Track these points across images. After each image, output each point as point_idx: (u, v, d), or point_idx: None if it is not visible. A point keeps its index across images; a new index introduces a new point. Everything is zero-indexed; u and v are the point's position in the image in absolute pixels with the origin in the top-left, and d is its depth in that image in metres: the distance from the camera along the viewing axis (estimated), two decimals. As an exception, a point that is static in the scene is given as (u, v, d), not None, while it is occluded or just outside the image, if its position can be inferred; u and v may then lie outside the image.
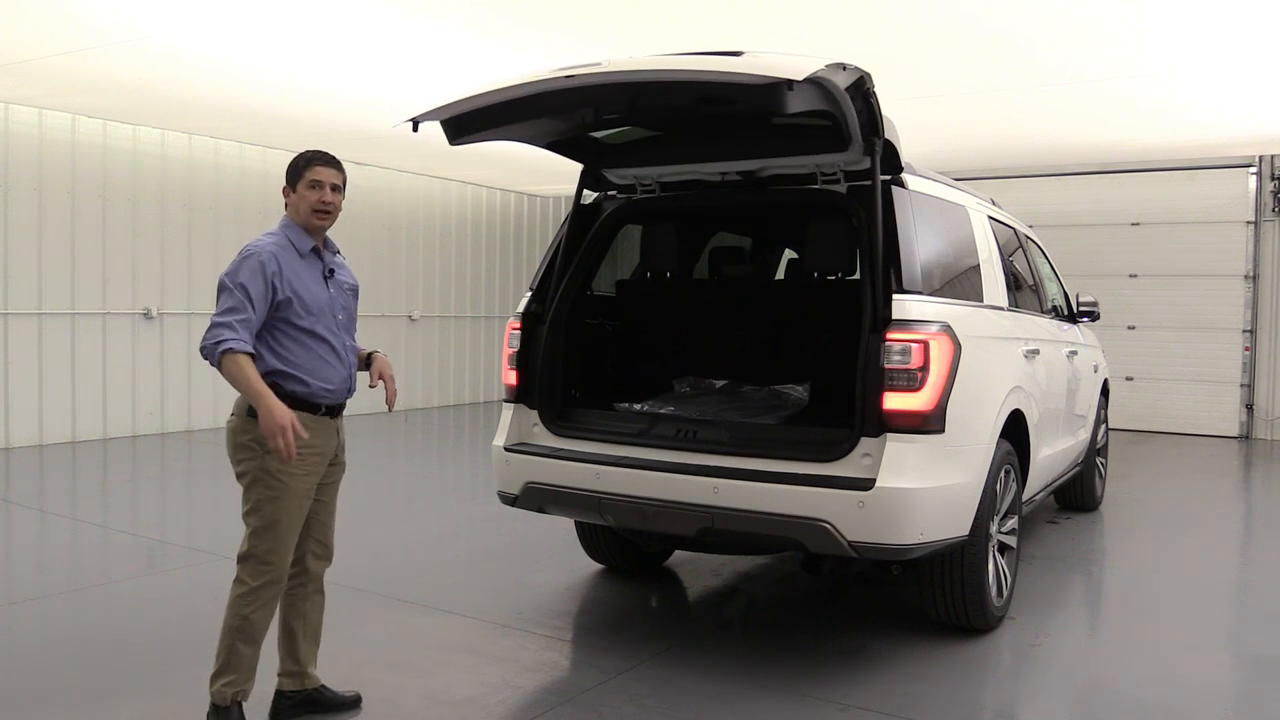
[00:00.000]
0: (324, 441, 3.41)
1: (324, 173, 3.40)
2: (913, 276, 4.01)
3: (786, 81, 3.42)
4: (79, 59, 7.60)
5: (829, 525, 3.77)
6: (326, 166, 3.42)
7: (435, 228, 14.10)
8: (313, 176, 3.38)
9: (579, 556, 5.54)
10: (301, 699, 3.55)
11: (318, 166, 3.40)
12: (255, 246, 3.30)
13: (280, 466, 3.25)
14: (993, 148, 11.13)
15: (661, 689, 3.88)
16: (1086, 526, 7.02)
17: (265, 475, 3.29)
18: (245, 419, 3.28)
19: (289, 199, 3.42)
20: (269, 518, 3.30)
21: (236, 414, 3.33)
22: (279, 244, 3.34)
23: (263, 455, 3.26)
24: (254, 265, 3.24)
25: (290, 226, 3.41)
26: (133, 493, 8.07)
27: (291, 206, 3.41)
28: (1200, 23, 6.44)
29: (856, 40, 6.61)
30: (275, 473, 3.27)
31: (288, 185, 3.42)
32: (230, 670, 3.33)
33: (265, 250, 3.28)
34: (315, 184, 3.38)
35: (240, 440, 3.31)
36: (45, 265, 9.78)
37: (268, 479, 3.29)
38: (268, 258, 3.26)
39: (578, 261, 4.87)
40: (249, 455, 3.30)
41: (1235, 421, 11.93)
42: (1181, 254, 12.08)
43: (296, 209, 3.40)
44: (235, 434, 3.32)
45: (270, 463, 3.26)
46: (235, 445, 3.33)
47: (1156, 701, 3.89)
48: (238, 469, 3.34)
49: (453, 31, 7.00)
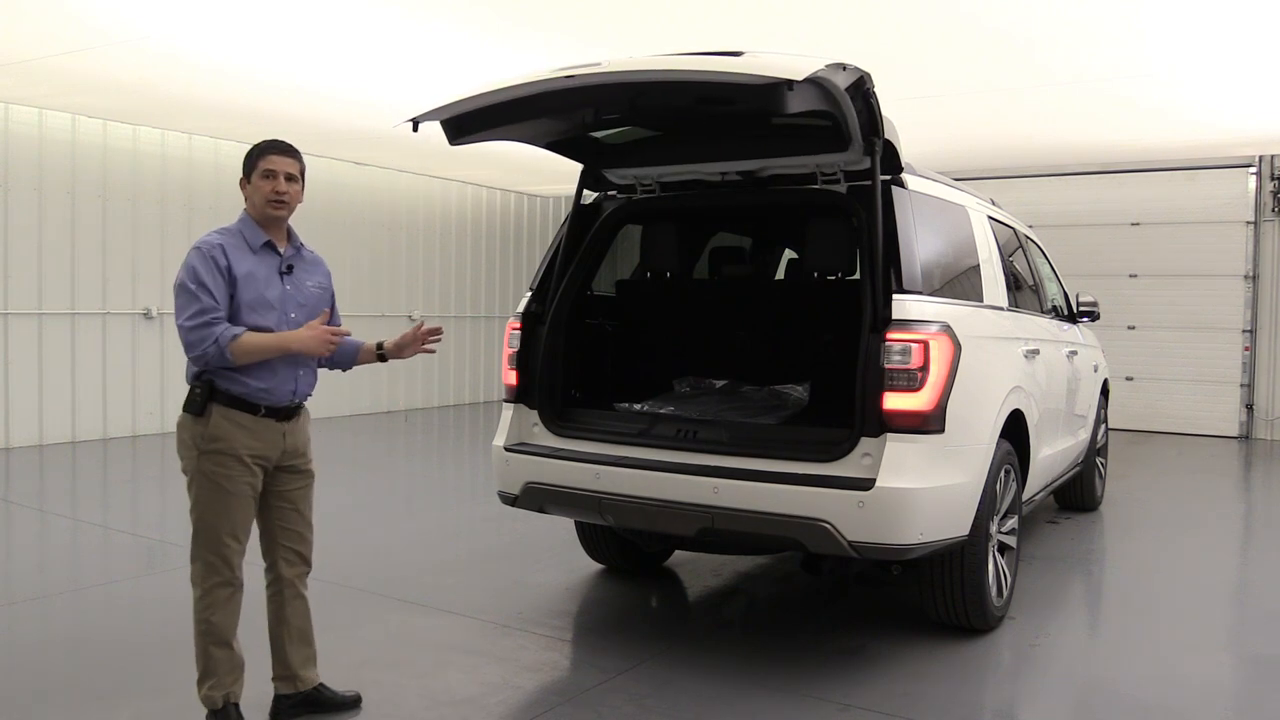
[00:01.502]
0: (263, 444, 3.29)
1: (278, 161, 3.31)
2: (913, 276, 4.01)
3: (786, 81, 3.42)
4: (79, 59, 7.60)
5: (829, 525, 3.77)
6: (281, 155, 3.33)
7: (435, 228, 14.10)
8: (266, 166, 3.29)
9: (579, 556, 5.54)
10: (299, 700, 3.54)
11: (271, 155, 3.30)
12: (203, 241, 3.22)
13: (213, 468, 3.20)
14: (993, 148, 11.13)
15: (661, 689, 3.88)
16: (1086, 526, 7.02)
17: (200, 476, 3.23)
18: (185, 415, 3.23)
19: (245, 190, 3.33)
20: (206, 519, 3.25)
21: (183, 410, 3.26)
22: (228, 238, 3.26)
23: (198, 456, 3.21)
24: (206, 261, 3.16)
25: (245, 221, 3.33)
26: (133, 493, 8.07)
27: (248, 199, 3.33)
28: (1200, 23, 6.44)
29: (856, 40, 6.62)
30: (209, 474, 3.21)
31: (243, 177, 3.33)
32: (210, 674, 3.31)
33: (212, 244, 3.20)
34: (269, 174, 3.29)
35: (181, 437, 3.25)
36: (45, 265, 9.78)
37: (202, 479, 3.23)
38: (217, 251, 3.18)
39: (578, 261, 4.87)
40: (188, 454, 3.24)
41: (1235, 421, 11.93)
42: (1181, 254, 12.08)
43: (252, 201, 3.32)
44: (179, 431, 3.26)
45: (204, 464, 3.21)
46: (178, 442, 3.27)
47: (1156, 701, 3.89)
48: (182, 467, 3.30)
49: (453, 31, 7.00)
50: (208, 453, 3.20)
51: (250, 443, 3.25)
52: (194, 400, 3.20)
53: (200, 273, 3.14)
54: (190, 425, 3.22)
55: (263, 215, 3.32)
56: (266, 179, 3.29)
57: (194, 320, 3.10)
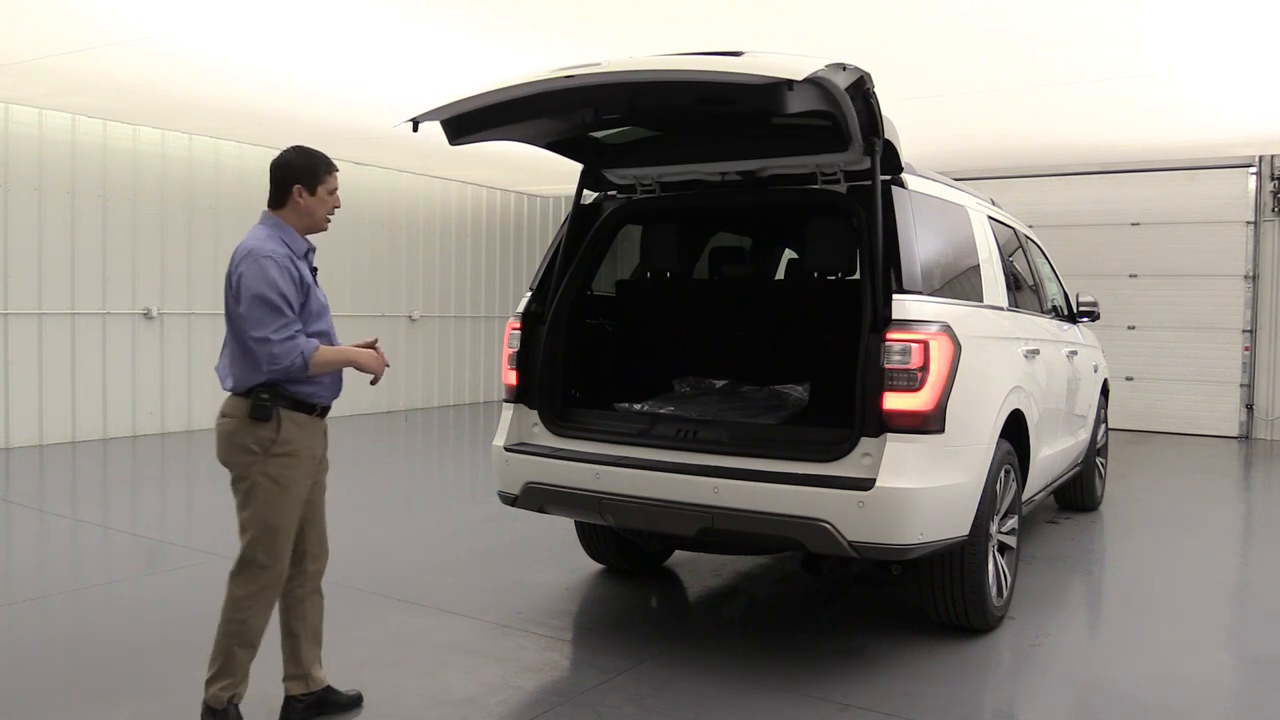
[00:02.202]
0: (316, 443, 3.42)
1: (338, 179, 3.45)
2: (913, 276, 4.01)
3: (786, 81, 3.43)
4: (79, 59, 7.60)
5: (829, 525, 3.77)
6: (337, 173, 3.46)
7: (435, 228, 14.10)
8: (333, 184, 3.41)
9: (579, 556, 5.54)
10: (312, 702, 3.54)
11: (335, 173, 3.43)
12: (271, 250, 3.23)
13: (282, 470, 3.26)
14: (993, 148, 11.13)
15: (661, 689, 3.88)
16: (1086, 526, 7.02)
17: (266, 479, 3.25)
18: (245, 421, 3.24)
19: (302, 199, 3.34)
20: (271, 522, 3.28)
21: (233, 415, 3.28)
22: (281, 246, 3.28)
23: (264, 459, 3.24)
24: (284, 272, 3.21)
25: (283, 227, 3.34)
26: (133, 493, 8.07)
27: (303, 208, 3.35)
28: (1200, 23, 6.44)
29: (856, 40, 6.62)
30: (275, 476, 3.26)
31: (302, 186, 3.34)
32: (227, 674, 3.32)
33: (282, 253, 3.25)
34: (334, 190, 3.42)
35: (241, 442, 3.26)
36: (45, 265, 9.78)
37: (268, 483, 3.26)
38: (288, 262, 3.24)
39: (578, 261, 4.87)
40: (250, 459, 3.26)
41: (1235, 421, 11.93)
42: (1181, 254, 12.08)
43: (312, 213, 3.37)
44: (232, 436, 3.27)
45: (272, 467, 3.24)
46: (232, 448, 3.28)
47: (1156, 701, 3.89)
48: (236, 472, 3.31)
49: (453, 31, 7.00)
50: (277, 456, 3.25)
51: (311, 443, 3.36)
52: (261, 406, 3.22)
53: (280, 284, 3.18)
54: (254, 430, 3.24)
55: (318, 226, 3.43)
56: (332, 195, 3.41)
57: (283, 334, 3.16)
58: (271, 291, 3.16)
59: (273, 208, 3.38)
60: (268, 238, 3.29)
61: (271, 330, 3.14)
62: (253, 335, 3.16)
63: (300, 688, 3.54)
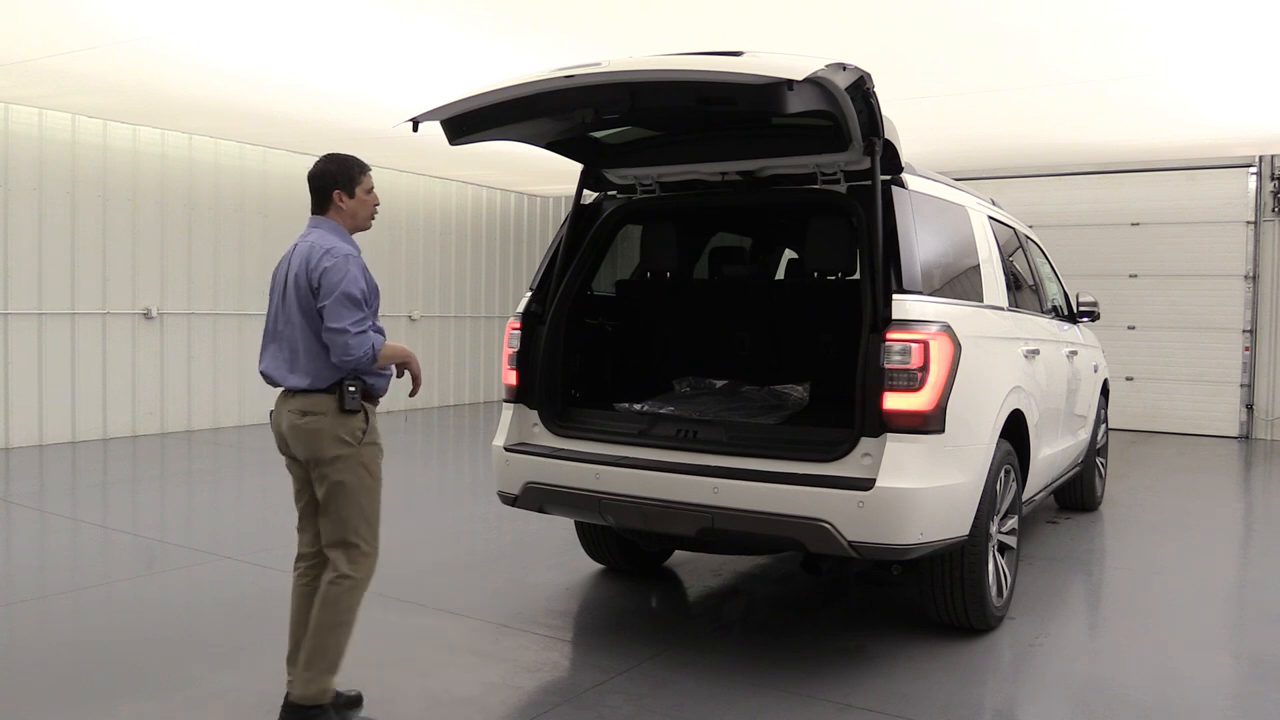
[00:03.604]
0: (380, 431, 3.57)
1: (373, 179, 3.59)
2: (913, 276, 4.01)
3: (786, 81, 3.43)
4: (79, 59, 7.60)
5: (829, 525, 3.77)
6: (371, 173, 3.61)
7: (435, 228, 14.10)
8: (369, 184, 3.55)
9: (579, 556, 5.54)
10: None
11: (370, 174, 3.58)
12: (348, 250, 3.40)
13: (374, 458, 3.43)
14: (993, 148, 11.13)
15: (661, 689, 3.88)
16: (1086, 526, 7.02)
17: (360, 468, 3.38)
18: (336, 415, 3.35)
19: (344, 203, 3.48)
20: (369, 510, 3.42)
21: (319, 412, 3.35)
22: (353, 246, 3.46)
23: (358, 449, 3.37)
24: (363, 271, 3.39)
25: (338, 229, 3.49)
26: (133, 493, 8.07)
27: (346, 210, 3.50)
28: (1200, 22, 6.44)
29: (857, 40, 6.61)
30: (369, 465, 3.41)
31: (342, 191, 3.48)
32: (336, 668, 3.39)
33: (356, 254, 3.42)
34: (370, 190, 3.55)
35: (336, 436, 3.35)
36: (45, 265, 9.78)
37: (363, 471, 3.39)
38: (362, 260, 3.43)
39: (578, 261, 4.87)
40: (347, 450, 3.36)
41: (1235, 421, 11.93)
42: (1181, 254, 12.08)
43: (355, 213, 3.52)
44: (324, 432, 3.35)
45: (366, 455, 3.39)
46: (327, 442, 3.35)
47: (1156, 701, 3.90)
48: (329, 466, 3.37)
49: (452, 31, 7.00)
50: (370, 444, 3.41)
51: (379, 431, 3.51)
52: (350, 397, 3.36)
53: (362, 281, 3.36)
54: (345, 421, 3.36)
55: (362, 226, 3.57)
56: (370, 194, 3.55)
57: (359, 327, 3.31)
58: (354, 288, 3.32)
59: (317, 213, 3.52)
60: (339, 238, 3.45)
61: (350, 323, 3.28)
62: (330, 326, 3.29)
63: None
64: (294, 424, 3.39)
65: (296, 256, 3.43)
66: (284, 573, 5.40)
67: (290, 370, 3.40)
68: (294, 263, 3.42)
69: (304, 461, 3.43)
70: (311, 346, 3.36)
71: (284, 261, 3.50)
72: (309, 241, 3.42)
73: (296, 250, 3.45)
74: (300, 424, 3.38)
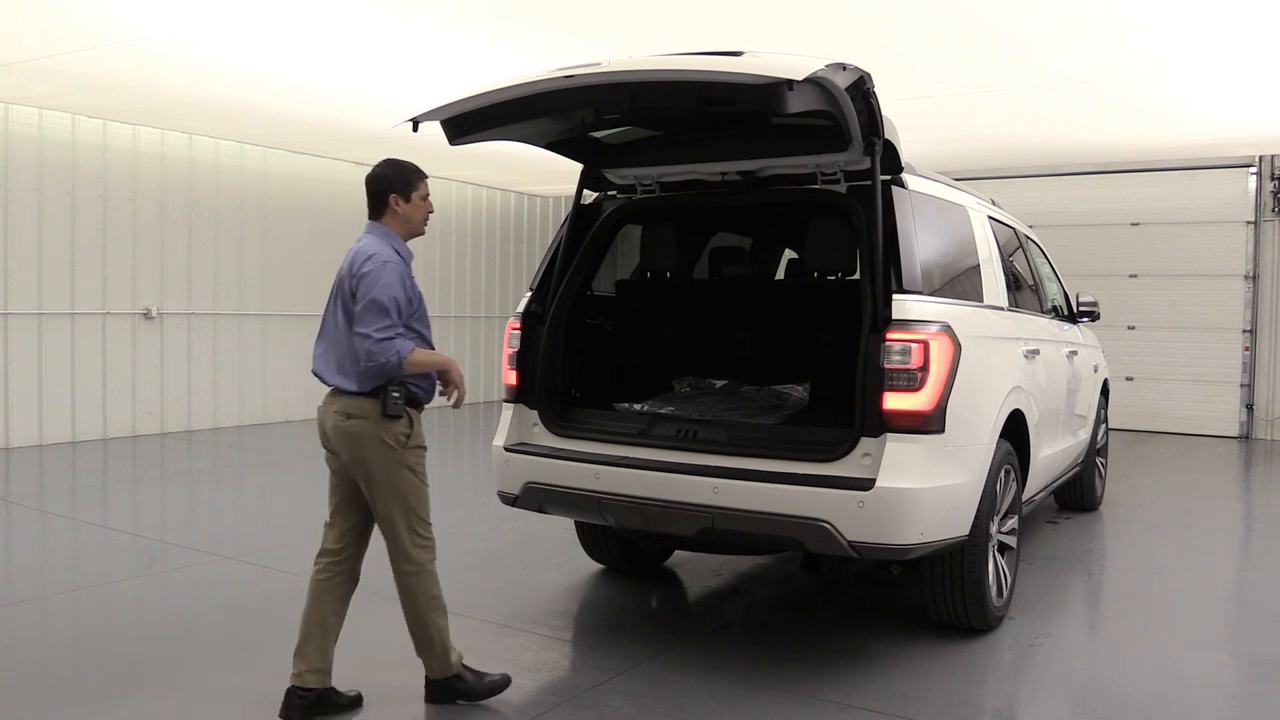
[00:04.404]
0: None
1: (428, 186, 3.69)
2: (913, 276, 4.01)
3: (786, 81, 3.43)
4: (79, 59, 7.60)
5: (829, 525, 3.77)
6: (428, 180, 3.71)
7: (435, 228, 13.92)
8: (425, 190, 3.65)
9: (579, 556, 5.54)
10: (315, 698, 3.55)
11: (426, 180, 3.67)
12: (390, 257, 3.47)
13: (417, 461, 3.54)
14: (993, 148, 11.13)
15: (661, 689, 3.88)
16: (1086, 526, 7.02)
17: (404, 470, 3.50)
18: (380, 420, 3.44)
19: (399, 208, 3.58)
20: (417, 508, 3.56)
21: (363, 416, 3.45)
22: (396, 253, 3.52)
23: (402, 452, 3.48)
24: (401, 280, 3.45)
25: (390, 235, 3.57)
26: (133, 493, 8.07)
27: (401, 215, 3.59)
28: (1200, 22, 6.44)
29: (857, 40, 6.62)
30: (413, 466, 3.53)
31: (398, 195, 3.57)
32: (448, 644, 3.65)
33: (399, 262, 3.50)
34: (426, 196, 3.65)
35: (380, 439, 3.45)
36: (45, 265, 9.78)
37: (407, 473, 3.51)
38: (405, 270, 3.51)
39: (578, 261, 4.87)
40: (390, 454, 3.46)
41: (1235, 421, 11.93)
42: (1181, 254, 12.08)
43: (410, 218, 3.61)
44: (367, 435, 3.44)
45: (409, 458, 3.51)
46: (373, 444, 3.44)
47: (1156, 701, 3.90)
48: (375, 469, 3.46)
49: (452, 31, 7.00)
50: (413, 448, 3.52)
51: (421, 433, 3.60)
52: (393, 402, 3.44)
53: (395, 289, 3.43)
54: (389, 426, 3.46)
55: (417, 231, 3.67)
56: (425, 200, 3.65)
57: (384, 333, 3.37)
58: (384, 294, 3.38)
59: (373, 218, 3.61)
60: (386, 245, 3.53)
61: (374, 329, 3.36)
62: (357, 331, 3.39)
63: (318, 681, 3.56)
64: (337, 425, 3.49)
65: (346, 260, 3.56)
66: (284, 573, 5.43)
67: (337, 371, 3.52)
68: (343, 266, 3.55)
69: (347, 462, 3.53)
70: (353, 350, 3.46)
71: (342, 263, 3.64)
72: (358, 246, 3.54)
73: (348, 254, 3.58)
74: (343, 426, 3.48)
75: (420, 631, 3.61)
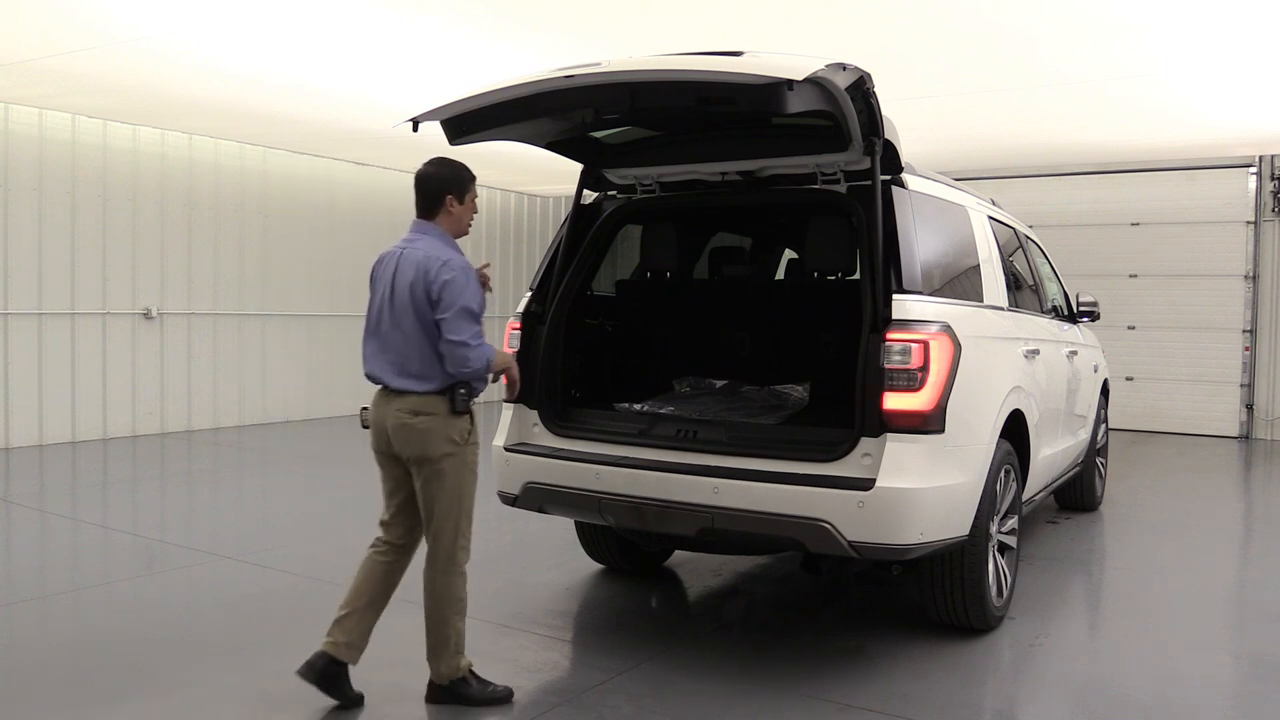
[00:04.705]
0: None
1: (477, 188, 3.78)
2: (913, 276, 4.01)
3: (786, 81, 3.43)
4: (79, 59, 7.60)
5: (829, 525, 3.77)
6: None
7: (435, 228, 14.08)
8: (475, 192, 3.72)
9: (579, 556, 5.54)
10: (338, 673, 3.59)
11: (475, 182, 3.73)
12: (463, 262, 3.54)
13: (475, 458, 3.62)
14: (993, 148, 11.13)
15: (661, 689, 3.88)
16: (1086, 526, 7.02)
17: (464, 467, 3.58)
18: (448, 417, 3.52)
19: (454, 208, 3.63)
20: (469, 505, 3.62)
21: (432, 413, 3.51)
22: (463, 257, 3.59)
23: (464, 449, 3.56)
24: (475, 280, 3.55)
25: (446, 237, 3.63)
26: (133, 493, 8.07)
27: (454, 215, 3.65)
28: (1200, 22, 6.44)
29: (857, 40, 6.62)
30: (472, 464, 3.61)
31: (454, 196, 3.62)
32: (459, 649, 3.65)
33: (468, 265, 3.56)
34: (475, 198, 3.73)
35: (446, 436, 3.53)
36: (45, 265, 9.78)
37: (466, 470, 3.58)
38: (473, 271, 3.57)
39: (578, 261, 4.87)
40: (454, 449, 3.54)
41: (1235, 421, 11.93)
42: (1181, 254, 12.08)
43: (460, 220, 3.67)
44: (435, 432, 3.52)
45: (469, 455, 3.59)
46: (440, 440, 3.52)
47: (1156, 701, 3.90)
48: (437, 465, 3.53)
49: (452, 31, 7.01)
50: (474, 445, 3.61)
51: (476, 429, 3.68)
52: (462, 399, 3.53)
53: (479, 295, 3.54)
54: (455, 423, 3.54)
55: (464, 232, 3.73)
56: (474, 201, 3.72)
57: (479, 340, 3.49)
58: (474, 302, 3.49)
59: (425, 217, 3.64)
60: (451, 249, 3.58)
61: (469, 336, 3.45)
62: (451, 339, 3.44)
63: (349, 655, 3.62)
64: (405, 423, 3.52)
65: (407, 264, 3.52)
66: (284, 573, 5.43)
67: (399, 373, 3.54)
68: (405, 270, 3.52)
69: (409, 459, 3.56)
70: (427, 353, 3.50)
71: (387, 262, 3.62)
72: (421, 251, 3.53)
73: (405, 257, 3.55)
74: (412, 423, 3.51)
75: (440, 633, 3.63)
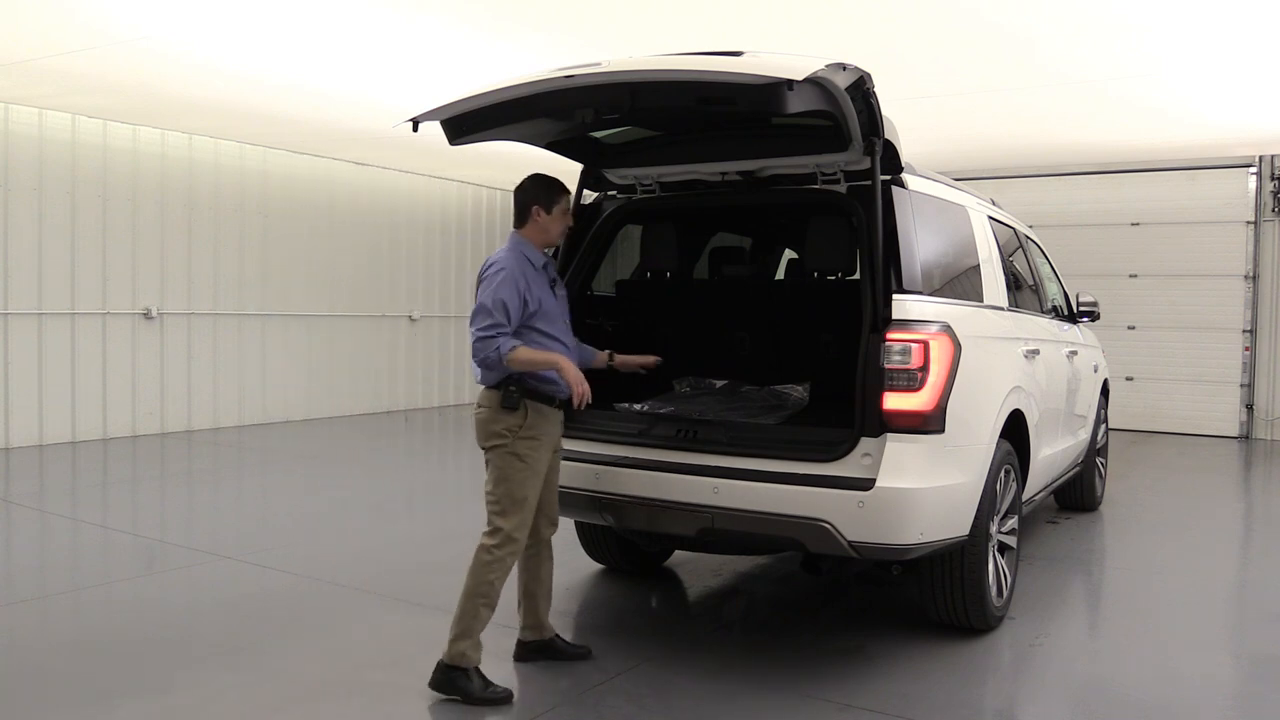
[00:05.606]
0: (554, 429, 3.93)
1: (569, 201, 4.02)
2: (913, 276, 4.01)
3: (786, 81, 3.42)
4: (79, 59, 7.60)
5: (829, 525, 3.77)
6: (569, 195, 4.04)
7: (435, 228, 14.10)
8: (565, 204, 3.96)
9: (579, 556, 5.54)
10: (537, 646, 4.12)
11: (568, 195, 3.99)
12: (505, 263, 3.78)
13: (527, 451, 3.78)
14: (993, 148, 11.13)
15: (661, 689, 3.88)
16: (1086, 526, 7.03)
17: (512, 458, 3.77)
18: (498, 411, 3.76)
19: (539, 218, 3.89)
20: (518, 495, 3.78)
21: (487, 406, 3.81)
22: (518, 260, 3.81)
23: (513, 441, 3.76)
24: (510, 285, 3.72)
25: (524, 244, 3.88)
26: (133, 493, 8.07)
27: (540, 225, 3.90)
28: (1200, 22, 6.44)
29: (857, 40, 6.61)
30: (522, 455, 3.77)
31: (539, 206, 3.88)
32: (470, 634, 3.75)
33: (513, 266, 3.77)
34: (566, 210, 3.97)
35: (494, 429, 3.78)
36: (45, 265, 9.78)
37: (515, 460, 3.77)
38: (517, 273, 3.76)
39: (577, 261, 4.87)
40: (502, 441, 3.77)
41: (1235, 421, 11.93)
42: (1181, 254, 12.08)
43: (548, 229, 3.93)
44: (488, 424, 3.80)
45: (519, 447, 3.77)
46: (489, 434, 3.80)
47: (1156, 701, 3.90)
48: (490, 452, 3.81)
49: (452, 31, 7.01)
50: (524, 439, 3.78)
51: (549, 429, 3.88)
52: (510, 397, 3.75)
53: (502, 292, 3.70)
54: (505, 418, 3.77)
55: (553, 241, 4.02)
56: (565, 214, 3.97)
57: (484, 332, 3.67)
58: (489, 299, 3.69)
59: (517, 227, 3.93)
60: (509, 253, 3.85)
61: (475, 327, 3.69)
62: (469, 327, 3.72)
63: (534, 635, 4.13)
64: (474, 414, 3.88)
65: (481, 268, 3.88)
66: (284, 573, 5.43)
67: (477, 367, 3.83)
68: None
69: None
70: None
71: None
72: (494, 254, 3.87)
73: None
74: (474, 415, 3.88)
75: (460, 612, 3.77)
